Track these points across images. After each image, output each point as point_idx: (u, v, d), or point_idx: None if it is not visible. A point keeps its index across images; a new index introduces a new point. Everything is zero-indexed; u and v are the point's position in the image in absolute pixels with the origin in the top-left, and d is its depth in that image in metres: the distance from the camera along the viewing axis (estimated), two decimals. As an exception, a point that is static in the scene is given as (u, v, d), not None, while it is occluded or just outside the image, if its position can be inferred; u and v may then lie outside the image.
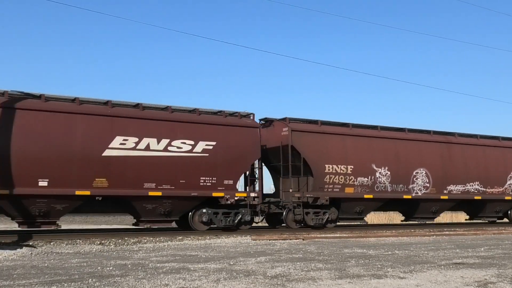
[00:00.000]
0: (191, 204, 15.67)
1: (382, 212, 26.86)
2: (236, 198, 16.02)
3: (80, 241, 12.48)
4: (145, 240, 13.09)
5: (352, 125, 18.83)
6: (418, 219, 20.84)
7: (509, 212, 23.09)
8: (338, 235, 15.27)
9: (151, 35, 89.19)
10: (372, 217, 31.87)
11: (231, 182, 16.01)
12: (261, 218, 17.81)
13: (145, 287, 6.01)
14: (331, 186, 17.67)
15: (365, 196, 18.33)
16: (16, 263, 8.46)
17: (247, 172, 16.93)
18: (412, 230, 17.91)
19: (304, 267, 7.79)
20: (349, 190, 18.04)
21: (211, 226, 16.21)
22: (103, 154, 14.17)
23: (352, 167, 18.06)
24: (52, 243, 12.02)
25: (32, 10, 76.77)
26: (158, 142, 14.92)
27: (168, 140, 15.06)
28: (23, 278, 6.73)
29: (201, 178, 15.46)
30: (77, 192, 13.82)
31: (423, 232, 17.00)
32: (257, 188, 16.96)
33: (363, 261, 8.72)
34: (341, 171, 17.82)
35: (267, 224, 19.47)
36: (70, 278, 6.66)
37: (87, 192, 13.98)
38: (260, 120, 18.09)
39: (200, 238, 13.85)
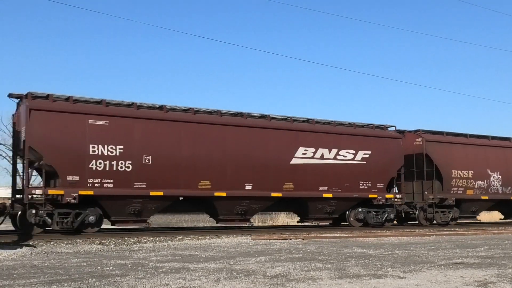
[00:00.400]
0: (350, 204, 18.39)
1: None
2: (386, 199, 18.59)
3: (80, 241, 12.48)
4: (145, 240, 13.09)
5: (469, 135, 21.78)
6: None
7: None
8: (338, 234, 15.26)
9: (146, 34, 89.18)
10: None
11: (382, 185, 18.58)
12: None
13: (145, 286, 6.01)
14: (455, 188, 20.62)
15: (482, 197, 21.36)
16: (16, 263, 8.46)
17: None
18: (412, 230, 17.93)
19: (304, 267, 7.79)
20: (469, 192, 21.02)
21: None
22: (290, 163, 16.80)
23: (472, 172, 21.01)
24: (52, 243, 12.01)
25: (30, 8, 76.78)
26: (329, 151, 17.58)
27: (336, 150, 17.68)
28: (23, 277, 6.73)
29: (360, 182, 18.08)
30: (272, 194, 16.49)
31: (423, 232, 16.98)
32: (398, 190, 19.49)
33: (363, 261, 8.72)
34: (464, 176, 20.83)
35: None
36: (70, 278, 6.66)
37: (279, 194, 16.60)
38: None
39: (200, 237, 13.86)
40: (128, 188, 14.34)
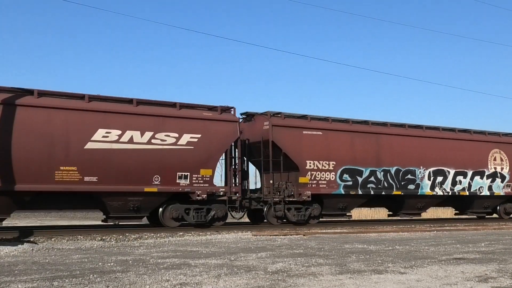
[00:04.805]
0: None
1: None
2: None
3: (81, 237, 12.50)
4: (146, 236, 13.11)
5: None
6: None
7: None
8: (338, 230, 15.29)
9: (137, 30, 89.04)
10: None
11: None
12: None
13: (146, 282, 6.02)
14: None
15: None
16: (18, 259, 8.48)
17: None
18: (412, 226, 17.96)
19: (305, 263, 7.80)
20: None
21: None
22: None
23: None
24: (53, 239, 12.04)
25: (30, 7, 76.75)
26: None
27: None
28: (24, 274, 6.74)
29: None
30: None
31: (423, 227, 17.02)
32: None
33: (364, 256, 8.74)
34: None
35: None
36: (71, 274, 6.68)
37: None
38: None
39: (201, 233, 13.88)
40: None
